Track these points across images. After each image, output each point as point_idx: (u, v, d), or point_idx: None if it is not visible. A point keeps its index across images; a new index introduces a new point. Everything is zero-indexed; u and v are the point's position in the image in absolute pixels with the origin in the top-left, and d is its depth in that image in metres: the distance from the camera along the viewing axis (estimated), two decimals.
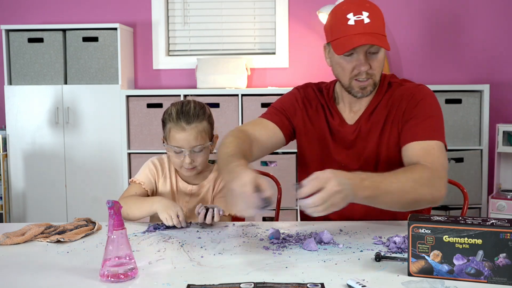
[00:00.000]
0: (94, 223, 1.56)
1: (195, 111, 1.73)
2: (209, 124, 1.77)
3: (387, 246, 1.34)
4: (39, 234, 1.45)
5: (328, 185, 1.21)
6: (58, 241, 1.43)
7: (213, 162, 1.87)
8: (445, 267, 1.10)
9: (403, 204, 1.39)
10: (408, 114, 1.57)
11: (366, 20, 1.49)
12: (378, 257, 1.23)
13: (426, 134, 1.52)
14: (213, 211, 1.55)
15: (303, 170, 1.75)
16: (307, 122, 1.72)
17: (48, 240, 1.43)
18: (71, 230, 1.49)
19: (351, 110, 1.67)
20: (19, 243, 1.41)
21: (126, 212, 1.65)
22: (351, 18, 1.50)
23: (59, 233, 1.46)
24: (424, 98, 1.59)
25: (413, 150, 1.51)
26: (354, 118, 1.67)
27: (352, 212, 1.64)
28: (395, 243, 1.32)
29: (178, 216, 1.55)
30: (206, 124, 1.75)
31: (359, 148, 1.64)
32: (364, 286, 1.05)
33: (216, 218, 1.56)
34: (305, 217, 1.69)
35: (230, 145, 1.50)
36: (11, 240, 1.41)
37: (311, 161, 1.72)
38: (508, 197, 3.20)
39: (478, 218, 1.12)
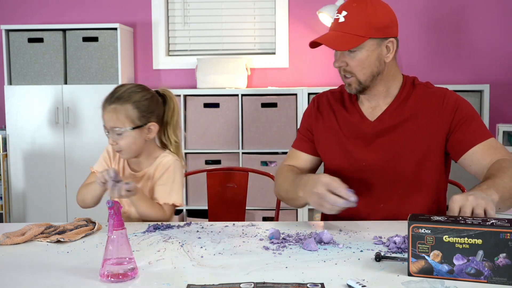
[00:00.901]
0: (94, 223, 1.56)
1: (121, 94, 1.74)
2: (136, 109, 1.73)
3: (387, 246, 1.34)
4: (39, 234, 1.45)
5: (466, 201, 1.25)
6: (58, 241, 1.42)
7: (164, 148, 1.87)
8: (445, 267, 1.10)
9: None
10: (456, 121, 1.59)
11: (341, 19, 1.56)
12: (378, 257, 1.23)
13: (483, 135, 1.58)
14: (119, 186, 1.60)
15: (333, 168, 1.74)
16: (322, 131, 1.74)
17: (48, 240, 1.43)
18: (71, 230, 1.49)
19: (369, 106, 1.68)
20: (19, 243, 1.41)
21: (81, 200, 1.79)
22: (333, 16, 1.60)
23: (59, 233, 1.46)
24: (461, 102, 1.63)
25: (481, 151, 1.56)
26: (374, 114, 1.67)
27: (354, 212, 1.65)
28: (395, 243, 1.32)
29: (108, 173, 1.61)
30: (129, 108, 1.72)
31: (381, 143, 1.64)
32: (364, 286, 1.05)
33: (122, 193, 1.59)
34: (325, 217, 1.72)
35: (287, 173, 1.69)
36: (11, 240, 1.41)
37: (332, 165, 1.72)
38: None
39: (478, 218, 1.12)
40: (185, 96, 3.50)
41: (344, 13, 1.56)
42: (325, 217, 1.79)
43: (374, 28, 1.55)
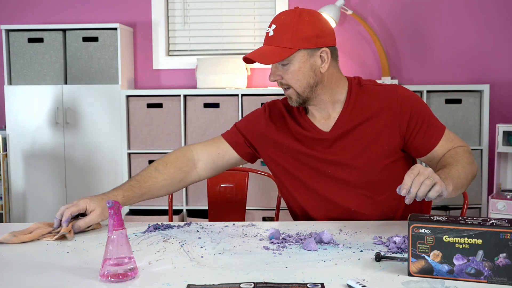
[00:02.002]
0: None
1: None
2: None
3: (387, 246, 1.34)
4: (47, 234, 1.46)
5: (421, 168, 1.32)
6: (63, 237, 1.43)
7: None
8: (445, 267, 1.10)
9: (468, 184, 1.54)
10: (413, 124, 1.61)
11: (271, 33, 1.58)
12: (378, 257, 1.23)
13: (440, 132, 1.63)
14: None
15: (292, 181, 1.71)
16: (275, 138, 1.71)
17: (56, 237, 1.43)
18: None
19: (321, 117, 1.66)
20: (25, 242, 1.41)
21: None
22: (266, 30, 1.62)
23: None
24: (414, 101, 1.63)
25: (441, 148, 1.62)
26: (329, 124, 1.65)
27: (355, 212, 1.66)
28: (395, 243, 1.32)
29: None
30: None
31: (341, 145, 1.63)
32: (364, 286, 1.05)
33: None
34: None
35: (142, 171, 1.71)
36: (18, 238, 1.41)
37: (296, 172, 1.69)
38: (508, 197, 3.20)
39: (478, 218, 1.12)
40: (185, 96, 3.50)
41: (273, 26, 1.57)
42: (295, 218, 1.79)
43: (302, 39, 1.54)
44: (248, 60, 1.60)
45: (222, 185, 2.14)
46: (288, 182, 1.72)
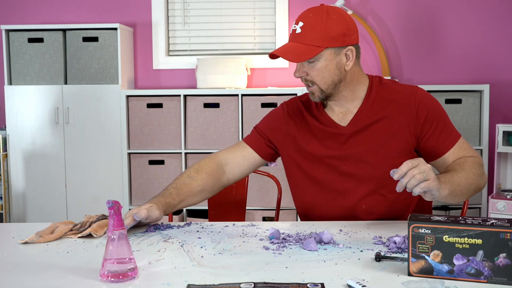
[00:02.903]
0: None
1: None
2: None
3: (387, 246, 1.34)
4: (68, 232, 1.47)
5: (422, 162, 1.32)
6: (90, 235, 1.46)
7: None
8: (445, 267, 1.10)
9: (469, 194, 1.54)
10: (428, 126, 1.62)
11: (298, 30, 1.58)
12: (378, 257, 1.23)
13: (454, 138, 1.63)
14: None
15: (294, 184, 1.75)
16: (295, 136, 1.73)
17: (80, 235, 1.45)
18: (94, 222, 1.52)
19: (339, 112, 1.68)
20: (50, 241, 1.43)
21: None
22: (292, 27, 1.62)
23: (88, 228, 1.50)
24: (432, 104, 1.64)
25: (452, 155, 1.62)
26: (346, 119, 1.67)
27: (356, 212, 1.66)
28: (395, 243, 1.32)
29: None
30: None
31: (356, 141, 1.65)
32: (364, 286, 1.05)
33: None
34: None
35: (176, 179, 1.71)
36: (44, 238, 1.43)
37: (312, 169, 1.71)
38: (508, 197, 3.20)
39: (478, 218, 1.12)
40: (185, 96, 3.50)
41: (300, 24, 1.58)
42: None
43: (330, 38, 1.55)
44: (273, 56, 1.61)
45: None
46: (300, 179, 1.74)
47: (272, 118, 1.81)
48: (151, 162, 3.53)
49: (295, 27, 1.59)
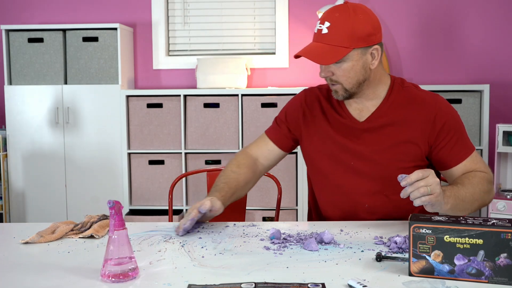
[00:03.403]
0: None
1: None
2: None
3: (388, 246, 1.34)
4: (69, 232, 1.48)
5: (431, 175, 1.32)
6: (92, 236, 1.46)
7: None
8: (446, 267, 1.10)
9: (472, 210, 1.54)
10: (444, 135, 1.61)
11: (324, 31, 1.56)
12: (379, 257, 1.23)
13: (467, 151, 1.63)
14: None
15: (314, 170, 1.76)
16: (310, 125, 1.75)
17: (81, 236, 1.46)
18: (95, 222, 1.53)
19: (356, 107, 1.69)
20: (51, 241, 1.43)
21: None
22: (316, 26, 1.59)
23: (89, 228, 1.50)
24: (450, 114, 1.64)
25: (463, 167, 1.62)
26: (362, 115, 1.68)
27: (357, 212, 1.66)
28: (396, 243, 1.32)
29: None
30: None
31: (370, 138, 1.65)
32: (365, 286, 1.05)
33: None
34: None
35: (229, 169, 1.74)
36: (45, 238, 1.43)
37: (320, 160, 1.72)
38: (508, 197, 3.20)
39: (479, 218, 1.12)
40: (185, 96, 3.50)
41: (327, 24, 1.55)
42: (309, 219, 1.86)
43: (358, 38, 1.54)
44: (297, 56, 1.60)
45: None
46: (310, 171, 1.77)
47: (290, 108, 1.81)
48: (151, 162, 3.53)
49: (320, 27, 1.57)
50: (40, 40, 3.52)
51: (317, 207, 1.78)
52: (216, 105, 3.48)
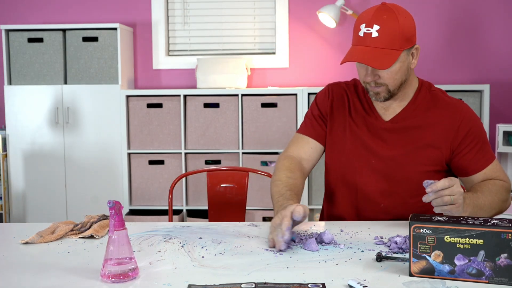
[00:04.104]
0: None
1: None
2: None
3: (388, 246, 1.34)
4: (69, 232, 1.48)
5: (456, 185, 1.34)
6: (92, 237, 1.46)
7: None
8: (446, 267, 1.10)
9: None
10: (467, 143, 1.61)
11: (374, 34, 1.51)
12: (379, 258, 1.23)
13: (488, 160, 1.63)
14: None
15: (332, 164, 1.75)
16: (335, 117, 1.74)
17: (81, 236, 1.46)
18: (95, 222, 1.53)
19: (382, 106, 1.68)
20: (51, 241, 1.43)
21: None
22: (362, 29, 1.53)
23: (89, 229, 1.50)
24: (474, 122, 1.64)
25: (483, 176, 1.63)
26: (387, 114, 1.67)
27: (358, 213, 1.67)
28: (396, 243, 1.32)
29: None
30: None
31: (393, 139, 1.65)
32: (365, 286, 1.05)
33: None
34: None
35: (282, 175, 1.65)
36: (45, 239, 1.43)
37: (339, 154, 1.72)
38: None
39: (479, 218, 1.12)
40: (185, 96, 3.50)
41: (376, 27, 1.51)
42: (321, 218, 1.83)
43: (406, 40, 1.53)
44: (344, 61, 1.56)
45: (222, 185, 2.14)
46: (328, 164, 1.75)
47: (318, 103, 1.78)
48: (151, 162, 3.53)
49: (369, 30, 1.52)
50: (40, 40, 3.52)
51: (330, 206, 1.76)
52: (216, 105, 3.48)
